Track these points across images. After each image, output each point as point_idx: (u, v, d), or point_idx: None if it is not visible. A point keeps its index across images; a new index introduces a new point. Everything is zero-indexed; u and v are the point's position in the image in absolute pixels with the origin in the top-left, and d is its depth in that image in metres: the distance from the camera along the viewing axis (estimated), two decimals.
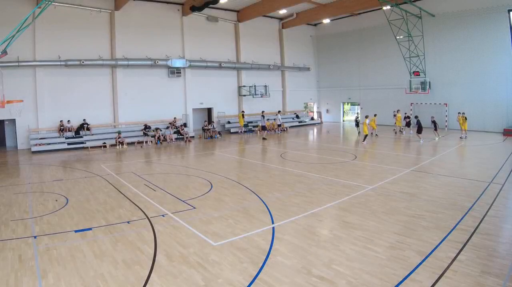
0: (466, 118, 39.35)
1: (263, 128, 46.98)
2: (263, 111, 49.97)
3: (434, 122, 39.20)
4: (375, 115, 42.95)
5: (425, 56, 48.40)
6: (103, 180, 24.09)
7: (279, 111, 52.53)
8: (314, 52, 67.43)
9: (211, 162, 30.55)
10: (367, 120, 38.18)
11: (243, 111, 52.48)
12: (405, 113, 44.36)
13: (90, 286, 10.22)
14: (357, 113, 58.21)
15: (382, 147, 33.76)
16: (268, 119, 50.53)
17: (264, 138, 44.07)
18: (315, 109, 68.28)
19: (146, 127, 44.03)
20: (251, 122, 53.80)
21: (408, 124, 42.62)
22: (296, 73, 64.10)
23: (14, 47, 23.83)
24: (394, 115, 46.72)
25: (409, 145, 35.45)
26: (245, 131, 51.38)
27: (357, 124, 47.73)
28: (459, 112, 40.19)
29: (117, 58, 43.80)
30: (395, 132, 42.32)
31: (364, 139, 36.66)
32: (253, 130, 50.90)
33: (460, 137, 37.46)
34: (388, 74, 55.60)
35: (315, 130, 50.55)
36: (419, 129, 35.56)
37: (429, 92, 49.03)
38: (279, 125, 50.92)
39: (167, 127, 45.50)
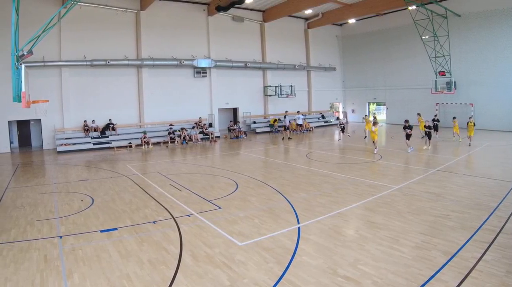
0: (474, 124, 35.43)
1: (286, 128, 46.74)
2: (286, 111, 49.96)
3: (430, 127, 34.18)
4: (374, 116, 42.92)
5: (451, 56, 47.82)
6: (129, 180, 24.21)
7: (298, 111, 52.31)
8: (339, 52, 66.97)
9: (237, 162, 30.51)
10: (377, 125, 34.51)
11: (286, 111, 52.29)
12: (433, 117, 41.20)
13: (115, 286, 10.24)
14: (366, 115, 57.16)
15: (407, 147, 33.59)
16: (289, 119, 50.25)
17: (289, 138, 44.09)
18: (340, 109, 67.91)
19: (171, 128, 44.05)
20: (277, 121, 53.13)
21: (435, 128, 39.65)
22: (321, 73, 63.79)
23: (39, 47, 23.86)
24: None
25: (435, 144, 35.07)
26: (275, 131, 51.37)
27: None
28: (454, 117, 38.35)
29: (142, 58, 43.99)
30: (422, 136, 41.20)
31: (375, 147, 32.89)
32: (279, 130, 50.47)
33: (469, 145, 34.54)
34: (414, 74, 55.14)
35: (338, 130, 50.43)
36: (407, 136, 32.58)
37: (454, 92, 48.46)
38: (300, 125, 50.81)
39: (193, 127, 45.58)
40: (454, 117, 37.08)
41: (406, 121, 31.91)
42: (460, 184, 20.78)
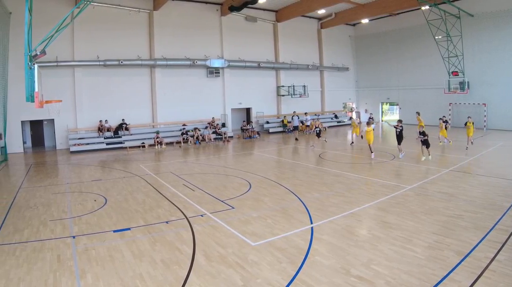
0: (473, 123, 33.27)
1: (295, 128, 46.78)
2: (294, 112, 49.90)
3: (425, 134, 28.21)
4: (370, 117, 42.75)
5: (464, 56, 47.60)
6: (142, 180, 24.25)
7: (306, 113, 52.06)
8: (352, 52, 66.84)
9: (250, 162, 30.51)
10: (372, 125, 31.77)
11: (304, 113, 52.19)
12: (441, 117, 38.88)
13: (128, 286, 10.28)
14: (352, 117, 56.21)
15: (421, 147, 33.45)
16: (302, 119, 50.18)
17: (296, 139, 43.96)
18: (353, 109, 67.62)
19: (185, 128, 44.16)
20: (290, 122, 52.86)
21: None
22: (334, 73, 63.70)
23: (52, 47, 23.95)
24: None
25: (448, 144, 34.88)
26: (288, 131, 51.36)
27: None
28: (441, 118, 36.83)
29: (155, 58, 44.10)
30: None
31: (371, 151, 30.62)
32: (292, 130, 50.05)
33: (467, 148, 32.55)
34: (427, 74, 54.96)
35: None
36: (399, 140, 30.34)
37: (467, 92, 48.27)
38: (307, 127, 50.53)
39: (206, 127, 45.70)
40: (440, 119, 36.00)
41: (399, 121, 30.72)
42: (473, 184, 20.71)
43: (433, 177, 22.59)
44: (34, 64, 19.70)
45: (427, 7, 44.36)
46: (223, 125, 48.92)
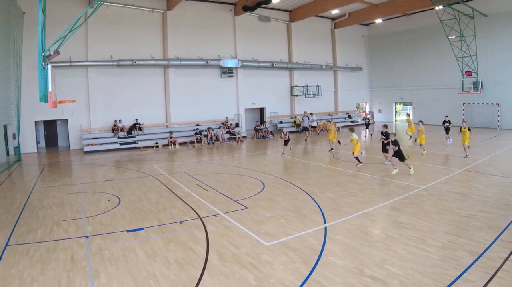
0: (470, 129, 29.80)
1: (304, 129, 46.84)
2: (305, 112, 49.78)
3: (396, 142, 23.72)
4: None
5: (477, 56, 47.36)
6: (156, 180, 24.28)
7: (311, 114, 51.46)
8: (366, 52, 66.84)
9: (264, 162, 30.50)
10: (354, 135, 27.20)
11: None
12: (445, 119, 37.04)
13: (142, 286, 10.31)
14: (329, 119, 51.70)
15: (434, 147, 33.21)
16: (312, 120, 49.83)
17: (305, 140, 43.95)
18: (367, 109, 67.80)
19: (198, 128, 44.30)
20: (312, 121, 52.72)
21: (446, 131, 36.02)
22: (348, 73, 63.73)
23: (66, 47, 24.03)
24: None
25: (462, 144, 34.78)
26: (301, 131, 51.00)
27: (367, 126, 45.39)
28: (420, 121, 33.49)
29: (169, 58, 44.26)
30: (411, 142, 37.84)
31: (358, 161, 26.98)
32: (308, 130, 49.96)
33: (466, 156, 28.77)
34: (440, 74, 54.88)
35: (367, 130, 50.02)
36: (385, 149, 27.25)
37: (481, 92, 48.02)
38: (313, 127, 50.49)
39: (219, 128, 45.85)
40: (420, 121, 34.18)
41: (385, 126, 28.11)
42: (487, 184, 20.60)
43: (446, 177, 22.46)
44: (47, 64, 19.74)
45: (440, 7, 44.31)
46: (237, 125, 49.06)
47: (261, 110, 55.22)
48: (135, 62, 41.63)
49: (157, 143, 41.26)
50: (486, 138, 35.79)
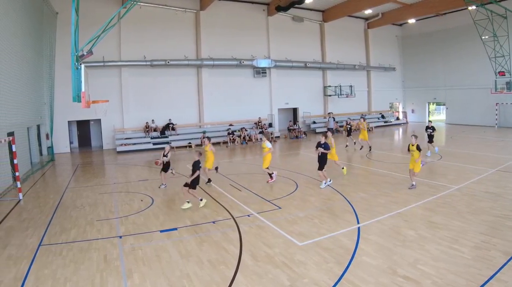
0: (419, 149, 20.24)
1: (329, 130, 45.85)
2: (329, 113, 49.67)
3: (326, 147, 21.90)
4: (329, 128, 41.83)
5: (511, 56, 46.75)
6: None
7: (329, 113, 51.56)
8: (399, 52, 66.43)
9: (296, 162, 30.45)
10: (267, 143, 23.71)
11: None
12: (428, 125, 31.20)
13: (175, 286, 10.31)
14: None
15: (467, 147, 32.93)
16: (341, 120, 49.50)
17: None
18: (400, 109, 67.48)
19: (231, 128, 44.43)
20: (337, 122, 52.47)
21: (430, 139, 30.27)
22: (381, 73, 63.42)
23: (99, 47, 24.15)
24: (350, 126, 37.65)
25: (495, 144, 34.38)
26: (335, 131, 50.29)
27: (349, 133, 37.61)
28: (362, 117, 32.42)
29: (202, 58, 44.57)
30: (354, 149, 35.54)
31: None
32: (339, 131, 49.78)
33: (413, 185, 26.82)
34: (473, 74, 54.22)
35: (400, 130, 49.71)
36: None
37: None
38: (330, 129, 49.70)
39: (252, 128, 46.03)
40: (362, 116, 32.39)
41: (325, 134, 23.31)
42: None
43: (479, 177, 22.19)
44: (81, 64, 19.84)
45: (473, 7, 43.90)
46: (270, 125, 49.14)
47: (294, 110, 55.27)
48: (168, 62, 41.95)
49: (190, 143, 41.50)
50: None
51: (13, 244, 13.75)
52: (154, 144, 40.85)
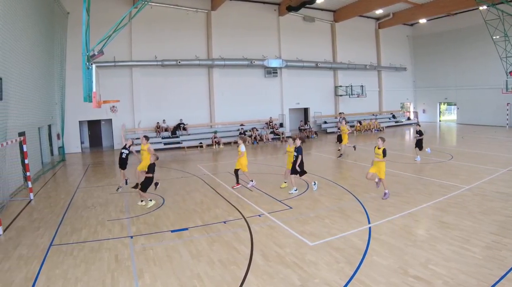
0: (385, 153, 19.03)
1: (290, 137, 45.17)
2: (340, 113, 49.13)
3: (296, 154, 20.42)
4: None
5: None
6: (200, 180, 24.42)
7: (340, 113, 50.11)
8: (410, 52, 66.26)
9: (307, 162, 30.21)
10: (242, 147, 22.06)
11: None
12: (417, 125, 31.58)
13: (186, 286, 10.32)
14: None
15: (478, 147, 32.86)
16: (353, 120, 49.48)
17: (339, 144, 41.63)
18: (411, 109, 67.47)
19: (242, 128, 44.56)
20: (348, 122, 52.36)
21: (418, 144, 29.21)
22: (392, 73, 63.26)
23: (110, 47, 24.09)
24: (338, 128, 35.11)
25: (506, 144, 34.26)
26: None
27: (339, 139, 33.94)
28: (343, 117, 31.61)
29: (213, 58, 44.68)
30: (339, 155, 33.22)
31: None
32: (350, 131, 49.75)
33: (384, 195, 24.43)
34: (484, 74, 54.08)
35: (411, 130, 49.68)
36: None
37: None
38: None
39: (263, 128, 45.97)
40: (340, 113, 30.87)
41: (294, 138, 21.68)
42: None
43: (490, 177, 22.12)
44: (91, 64, 19.86)
45: (484, 7, 43.85)
46: (281, 125, 49.06)
47: (305, 110, 55.23)
48: (179, 62, 42.06)
49: (201, 143, 41.52)
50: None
51: (24, 244, 13.81)
52: (165, 144, 40.97)
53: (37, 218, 17.16)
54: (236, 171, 22.19)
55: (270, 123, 47.37)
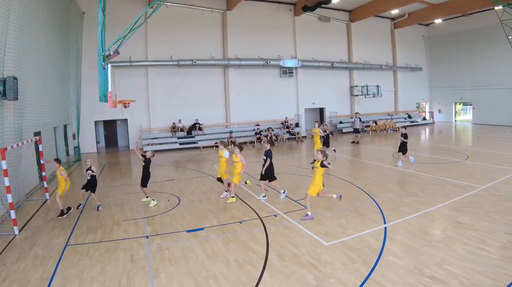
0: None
1: (355, 131, 43.75)
2: (356, 113, 48.86)
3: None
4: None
5: None
6: (215, 180, 24.12)
7: (356, 113, 49.82)
8: (426, 52, 65.91)
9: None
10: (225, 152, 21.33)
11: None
12: (403, 127, 28.89)
13: (202, 286, 10.35)
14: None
15: (494, 147, 32.70)
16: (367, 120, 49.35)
17: (355, 142, 41.20)
18: (427, 109, 67.10)
19: (258, 128, 44.65)
20: (364, 122, 52.16)
21: (402, 148, 27.82)
22: (408, 73, 62.97)
23: (126, 47, 24.22)
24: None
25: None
26: (361, 131, 50.04)
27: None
28: (316, 121, 30.61)
29: (229, 58, 44.74)
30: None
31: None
32: (365, 130, 50.00)
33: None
34: (500, 74, 53.81)
35: (427, 130, 49.58)
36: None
37: None
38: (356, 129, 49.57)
39: (279, 128, 46.06)
40: (316, 121, 29.42)
41: (270, 141, 21.73)
42: None
43: (506, 177, 21.97)
44: (107, 64, 19.88)
45: (500, 7, 43.42)
46: (297, 125, 49.05)
47: (321, 110, 55.31)
48: (195, 62, 42.17)
49: (216, 143, 40.87)
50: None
51: (40, 243, 13.90)
52: (180, 144, 41.03)
53: (53, 218, 17.28)
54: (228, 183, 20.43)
55: (286, 123, 47.31)
